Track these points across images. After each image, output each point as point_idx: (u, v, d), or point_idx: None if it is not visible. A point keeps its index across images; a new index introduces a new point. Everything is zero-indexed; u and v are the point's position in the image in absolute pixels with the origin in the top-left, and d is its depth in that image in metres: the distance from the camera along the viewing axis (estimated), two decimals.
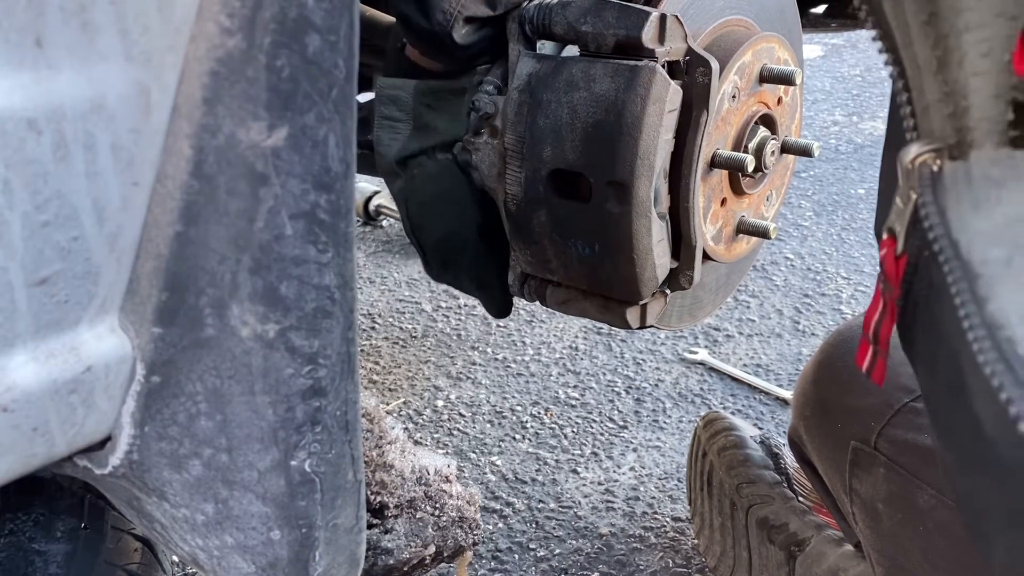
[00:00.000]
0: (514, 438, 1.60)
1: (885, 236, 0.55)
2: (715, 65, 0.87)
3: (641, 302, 0.95)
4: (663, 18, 0.85)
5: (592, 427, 1.63)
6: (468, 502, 1.04)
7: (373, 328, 1.97)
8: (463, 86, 0.95)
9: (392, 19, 1.15)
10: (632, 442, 1.58)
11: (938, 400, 0.54)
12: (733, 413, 1.60)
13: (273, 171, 0.52)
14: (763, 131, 0.98)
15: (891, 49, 0.54)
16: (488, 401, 1.71)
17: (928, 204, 0.49)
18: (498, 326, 1.94)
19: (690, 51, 0.88)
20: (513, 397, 1.72)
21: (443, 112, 0.95)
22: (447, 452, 1.56)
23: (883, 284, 0.55)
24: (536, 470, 1.52)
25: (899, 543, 0.94)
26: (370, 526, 0.99)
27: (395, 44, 0.97)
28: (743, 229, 1.00)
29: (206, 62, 0.50)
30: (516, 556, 1.33)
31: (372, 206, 2.44)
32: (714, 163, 0.92)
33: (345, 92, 0.54)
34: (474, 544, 1.05)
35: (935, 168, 0.50)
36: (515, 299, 1.05)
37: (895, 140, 0.60)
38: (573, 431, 1.62)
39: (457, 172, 0.96)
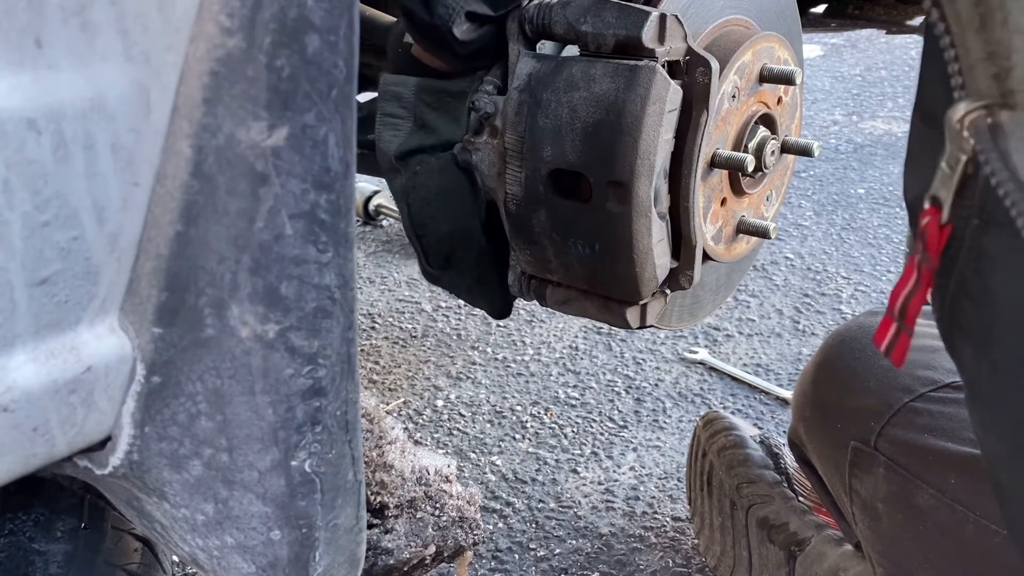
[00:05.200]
0: (514, 438, 1.60)
1: (927, 205, 0.52)
2: (715, 65, 0.87)
3: (641, 302, 0.95)
4: (663, 18, 0.85)
5: (592, 427, 1.63)
6: (468, 502, 1.04)
7: (373, 328, 1.97)
8: (463, 88, 0.95)
9: (392, 19, 1.15)
10: (632, 442, 1.58)
11: (989, 381, 0.51)
12: (733, 413, 1.60)
13: (273, 171, 0.52)
14: (763, 131, 0.98)
15: (936, 3, 0.51)
16: (488, 401, 1.71)
17: (988, 151, 0.47)
18: (498, 326, 1.94)
19: (690, 51, 0.88)
20: (513, 397, 1.72)
21: (443, 113, 0.95)
22: (447, 452, 1.56)
23: (920, 255, 0.53)
24: (536, 470, 1.52)
25: (899, 543, 0.94)
26: (370, 526, 0.99)
27: (400, 41, 0.97)
28: (743, 229, 1.00)
29: (206, 62, 0.50)
30: (516, 556, 1.33)
31: (372, 206, 2.45)
32: (714, 163, 0.92)
33: (345, 92, 0.54)
34: (474, 544, 1.05)
35: (989, 121, 0.48)
36: (515, 299, 1.05)
37: (925, 105, 0.56)
38: (573, 431, 1.62)
39: (459, 170, 0.96)
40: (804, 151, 1.01)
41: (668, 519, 1.40)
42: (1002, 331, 0.49)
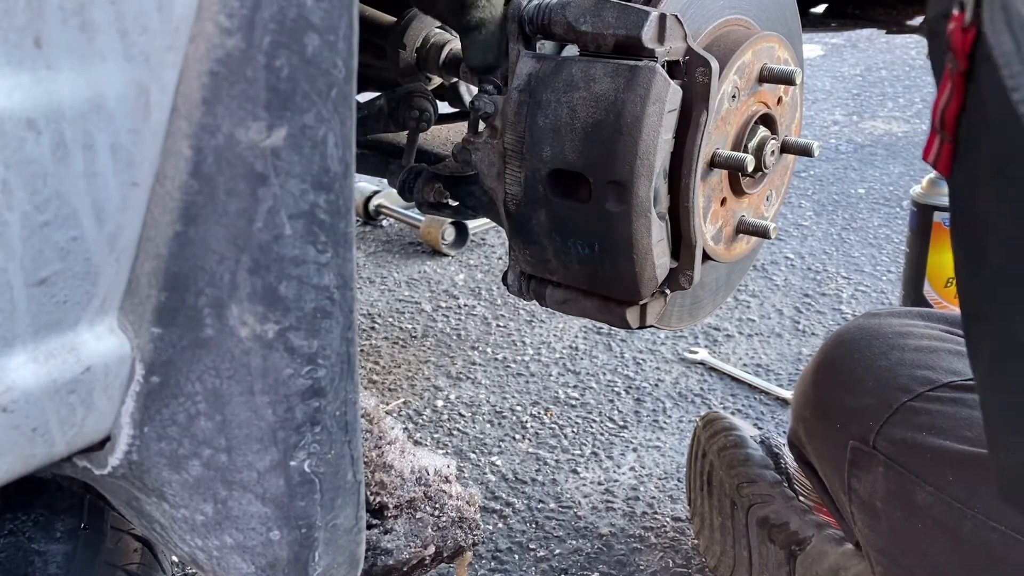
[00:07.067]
0: (514, 438, 1.60)
1: (955, 12, 0.57)
2: (715, 65, 0.87)
3: (641, 302, 0.95)
4: (663, 18, 0.85)
5: (592, 427, 1.63)
6: (468, 502, 1.04)
7: (373, 328, 1.97)
8: None
9: (392, 19, 1.15)
10: (632, 442, 1.58)
11: (973, 178, 0.57)
12: (733, 413, 1.60)
13: (272, 171, 0.52)
14: (763, 131, 0.98)
15: None
16: (488, 401, 1.71)
17: None
18: (498, 326, 1.94)
19: (690, 51, 0.88)
20: (513, 397, 1.72)
21: None
22: (447, 452, 1.56)
23: (951, 62, 0.57)
24: (536, 470, 1.52)
25: (898, 541, 0.95)
26: (369, 526, 0.99)
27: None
28: (743, 229, 1.00)
29: (205, 62, 0.50)
30: (516, 556, 1.33)
31: (372, 206, 2.45)
32: (714, 163, 0.92)
33: (344, 92, 0.54)
34: (474, 544, 1.04)
35: None
36: (515, 299, 1.05)
37: None
38: (573, 431, 1.62)
39: None
40: (804, 151, 1.01)
41: (668, 519, 1.40)
42: (984, 130, 0.55)
